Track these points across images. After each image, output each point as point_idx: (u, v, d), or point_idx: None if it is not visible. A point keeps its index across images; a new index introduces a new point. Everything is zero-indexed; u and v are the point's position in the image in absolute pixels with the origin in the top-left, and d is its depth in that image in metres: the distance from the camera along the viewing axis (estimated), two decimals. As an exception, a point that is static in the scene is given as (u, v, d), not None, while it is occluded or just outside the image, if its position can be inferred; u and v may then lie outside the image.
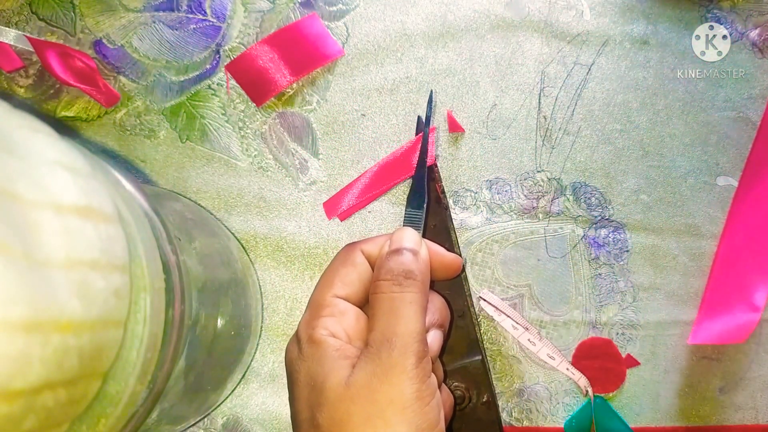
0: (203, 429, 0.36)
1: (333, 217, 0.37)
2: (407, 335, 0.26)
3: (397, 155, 0.37)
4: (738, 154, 0.38)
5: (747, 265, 0.35)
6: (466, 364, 0.35)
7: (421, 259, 0.29)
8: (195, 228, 0.34)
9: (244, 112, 0.38)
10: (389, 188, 0.38)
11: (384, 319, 0.26)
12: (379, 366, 0.25)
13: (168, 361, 0.22)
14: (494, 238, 0.38)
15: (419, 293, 0.27)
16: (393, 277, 0.27)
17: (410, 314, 0.26)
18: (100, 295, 0.19)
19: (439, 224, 0.36)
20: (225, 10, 0.38)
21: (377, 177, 0.37)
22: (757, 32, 0.39)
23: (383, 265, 0.28)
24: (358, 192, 0.37)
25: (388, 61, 0.38)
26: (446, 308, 0.31)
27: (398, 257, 0.28)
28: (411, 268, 0.28)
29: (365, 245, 0.30)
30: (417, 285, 0.27)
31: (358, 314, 0.28)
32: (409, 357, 0.25)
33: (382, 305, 0.27)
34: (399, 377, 0.25)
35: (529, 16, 0.39)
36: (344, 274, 0.29)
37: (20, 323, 0.15)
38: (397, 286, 0.27)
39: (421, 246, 0.29)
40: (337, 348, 0.26)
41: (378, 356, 0.25)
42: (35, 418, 0.17)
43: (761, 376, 0.37)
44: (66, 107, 0.38)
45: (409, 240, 0.29)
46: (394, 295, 0.27)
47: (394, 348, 0.25)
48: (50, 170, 0.19)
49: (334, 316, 0.27)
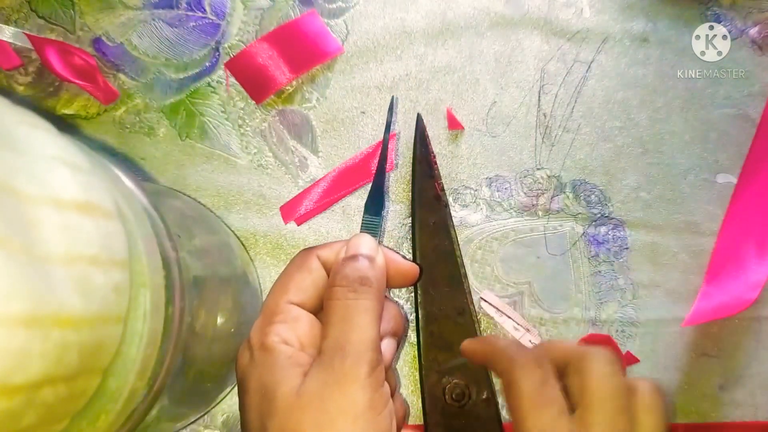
0: (203, 426, 0.36)
1: (290, 221, 0.37)
2: (360, 343, 0.25)
3: (356, 160, 0.37)
4: (738, 152, 0.38)
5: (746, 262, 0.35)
6: (466, 362, 0.35)
7: (377, 266, 0.28)
8: (194, 225, 0.34)
9: (244, 110, 0.38)
10: (348, 193, 0.37)
11: (338, 327, 0.26)
12: (331, 374, 0.25)
13: (168, 358, 0.22)
14: (494, 236, 0.38)
15: (374, 301, 0.27)
16: (348, 283, 0.27)
17: (364, 322, 0.26)
18: (100, 290, 0.19)
19: (439, 222, 0.36)
20: (224, 7, 0.38)
21: (336, 182, 0.37)
22: (757, 29, 0.39)
23: (339, 270, 0.28)
24: (317, 197, 0.37)
25: (387, 59, 0.38)
26: (401, 316, 0.31)
27: (354, 263, 0.28)
28: (366, 275, 0.27)
29: (321, 251, 0.29)
30: (372, 292, 0.27)
31: (311, 321, 0.28)
32: (362, 365, 0.25)
33: (336, 312, 0.26)
34: (351, 386, 0.24)
35: (528, 14, 0.39)
36: (299, 280, 0.28)
37: (20, 318, 0.15)
38: (352, 293, 0.27)
39: (377, 253, 0.29)
40: (289, 355, 0.26)
41: (330, 364, 0.25)
42: (35, 413, 0.17)
43: (761, 373, 0.37)
44: (66, 105, 0.38)
45: (366, 246, 0.29)
46: (349, 302, 0.26)
47: (347, 356, 0.25)
48: (50, 166, 0.19)
49: (286, 323, 0.27)
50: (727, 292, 0.35)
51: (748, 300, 0.33)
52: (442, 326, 0.35)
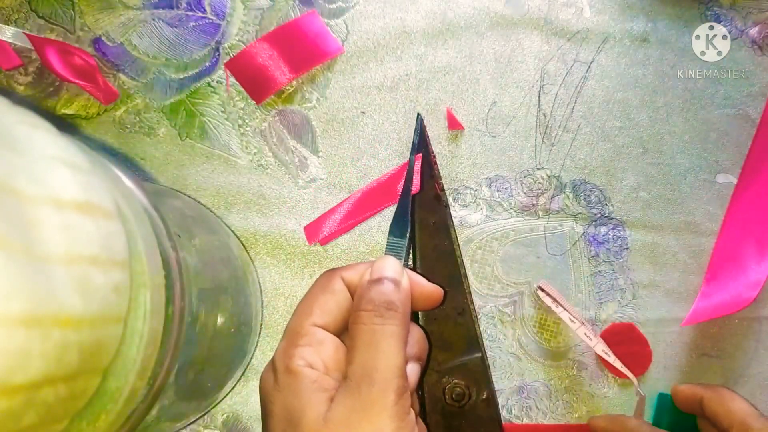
0: (203, 426, 0.36)
1: (314, 242, 0.37)
2: (388, 370, 0.25)
3: (382, 181, 0.37)
4: (738, 152, 0.38)
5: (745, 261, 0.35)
6: (465, 362, 0.35)
7: (403, 289, 0.28)
8: (195, 225, 0.34)
9: (244, 110, 0.38)
10: (372, 215, 0.37)
11: (364, 352, 0.26)
12: (359, 401, 0.24)
13: (168, 358, 0.22)
14: (494, 236, 0.38)
15: (400, 326, 0.27)
16: (374, 307, 0.27)
17: (391, 348, 0.26)
18: (100, 290, 0.19)
19: (439, 222, 0.36)
20: (224, 7, 0.38)
21: (360, 203, 0.37)
22: (757, 29, 0.39)
23: (364, 294, 0.27)
24: (341, 218, 0.37)
25: (387, 59, 0.38)
26: (425, 340, 0.30)
27: (379, 287, 0.27)
28: (392, 299, 0.27)
29: (345, 272, 0.29)
30: (398, 317, 0.27)
31: (336, 344, 0.27)
32: (390, 393, 0.25)
33: (363, 337, 0.26)
34: (379, 414, 0.24)
35: (528, 14, 0.39)
36: (323, 302, 0.28)
37: (20, 318, 0.15)
38: (378, 318, 0.26)
39: (402, 276, 0.28)
40: (315, 379, 0.26)
41: (358, 391, 0.25)
42: (35, 413, 0.17)
43: (761, 373, 0.37)
44: (66, 105, 0.38)
45: (391, 269, 0.28)
46: (375, 327, 0.26)
47: (374, 383, 0.25)
48: (50, 166, 0.19)
49: (311, 346, 0.27)
50: (726, 291, 0.35)
51: (748, 299, 0.33)
52: (442, 326, 0.35)
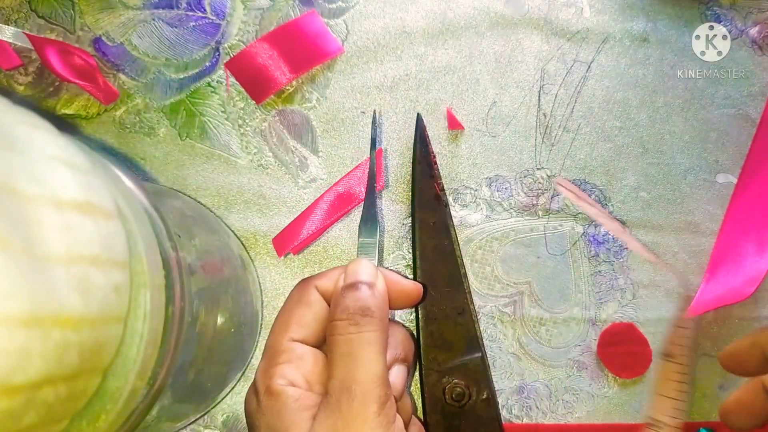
0: (203, 426, 0.36)
1: (284, 254, 0.37)
2: (367, 381, 0.24)
3: (346, 183, 0.37)
4: (738, 152, 0.38)
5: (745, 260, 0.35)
6: (465, 362, 0.35)
7: (378, 292, 0.27)
8: (195, 225, 0.34)
9: (244, 110, 0.38)
10: (340, 217, 0.37)
11: (342, 365, 0.25)
12: (340, 418, 0.24)
13: (168, 358, 0.22)
14: (494, 236, 0.38)
15: (378, 331, 0.26)
16: (349, 316, 0.26)
17: (370, 357, 0.25)
18: (100, 290, 0.19)
19: (439, 222, 0.36)
20: (224, 7, 0.38)
21: (329, 210, 0.37)
22: (757, 29, 0.39)
23: (339, 302, 0.27)
24: (313, 226, 0.36)
25: (387, 59, 0.38)
26: (409, 340, 0.30)
27: (354, 293, 0.27)
28: (367, 305, 0.26)
29: (319, 281, 0.28)
30: (375, 323, 0.26)
31: (316, 357, 0.27)
32: (371, 405, 0.24)
33: (339, 348, 0.26)
34: (361, 428, 0.24)
35: (528, 14, 0.39)
36: (299, 315, 0.27)
37: (20, 318, 0.15)
38: (353, 326, 0.26)
39: (377, 277, 0.28)
40: (296, 398, 0.25)
41: (338, 407, 0.24)
42: (35, 413, 0.17)
43: (761, 373, 0.37)
44: (66, 105, 0.38)
45: (364, 272, 0.27)
46: (352, 337, 0.25)
47: (354, 397, 0.24)
48: (50, 166, 0.19)
49: (291, 362, 0.26)
50: (725, 286, 0.35)
51: (746, 293, 0.33)
52: (442, 326, 0.35)
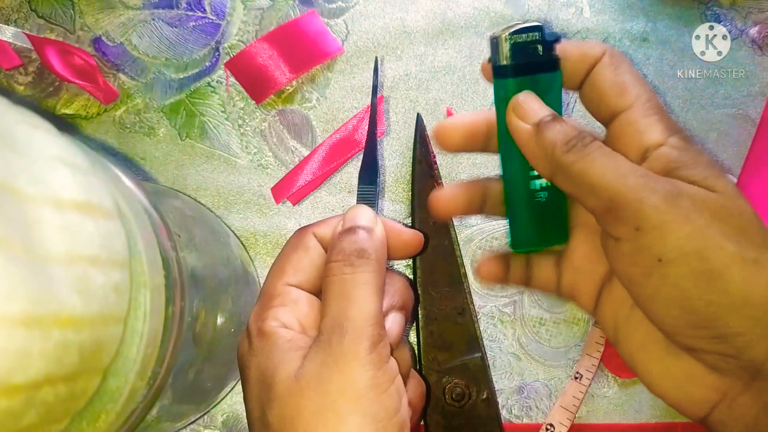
0: (203, 426, 0.36)
1: (282, 200, 0.37)
2: (360, 319, 0.24)
3: (345, 132, 0.37)
4: (737, 152, 0.38)
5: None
6: (465, 362, 0.35)
7: (376, 236, 0.27)
8: (195, 225, 0.34)
9: (244, 110, 0.38)
10: (340, 165, 0.37)
11: (335, 304, 0.25)
12: (330, 354, 0.23)
13: (168, 358, 0.23)
14: (494, 236, 0.38)
15: (373, 273, 0.25)
16: (345, 257, 0.25)
17: (363, 296, 0.24)
18: (100, 290, 0.19)
19: (439, 222, 0.36)
20: (224, 7, 0.38)
21: (327, 156, 0.37)
22: (757, 29, 0.39)
23: (335, 245, 0.26)
24: (310, 173, 0.36)
25: (387, 59, 0.38)
26: (408, 289, 0.29)
27: (351, 236, 0.26)
28: (364, 247, 0.26)
29: (317, 228, 0.28)
30: (371, 264, 0.25)
31: (311, 301, 0.26)
32: (362, 342, 0.23)
33: (334, 288, 0.25)
34: (351, 364, 0.23)
35: (528, 14, 0.39)
36: (296, 260, 0.27)
37: (20, 318, 0.15)
38: (348, 267, 0.25)
39: (376, 223, 0.27)
40: (288, 339, 0.25)
41: (329, 344, 0.23)
42: (35, 413, 0.17)
43: (761, 373, 0.37)
44: (66, 105, 0.38)
45: (363, 218, 0.27)
46: (346, 277, 0.25)
47: (345, 334, 0.23)
48: (50, 166, 0.19)
49: (285, 306, 0.26)
50: None
51: None
52: (442, 326, 0.35)
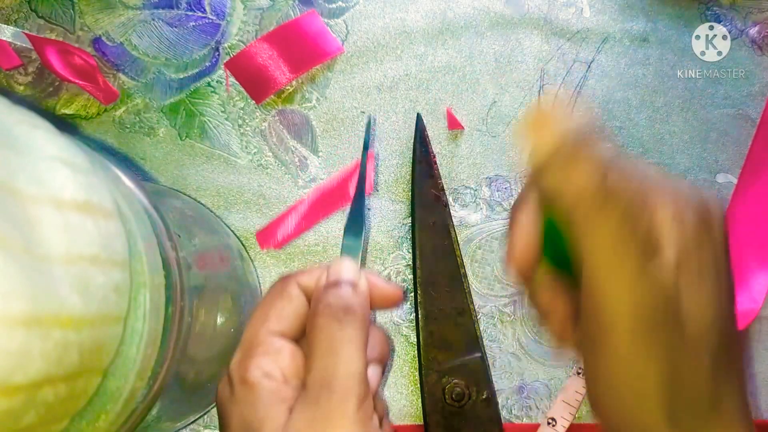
0: (203, 426, 0.36)
1: (266, 248, 0.37)
2: (348, 377, 0.24)
3: (334, 183, 0.37)
4: (737, 151, 0.38)
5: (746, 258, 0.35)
6: (465, 362, 0.35)
7: (360, 291, 0.27)
8: (195, 225, 0.34)
9: (244, 110, 0.38)
10: (326, 216, 0.37)
11: (322, 360, 0.25)
12: (318, 411, 0.24)
13: (168, 358, 0.23)
14: (494, 236, 0.38)
15: (359, 330, 0.26)
16: (331, 312, 0.26)
17: (350, 353, 0.25)
18: (100, 290, 0.19)
19: (439, 222, 0.36)
20: (224, 7, 0.38)
21: (314, 206, 0.37)
22: (757, 29, 0.39)
23: (321, 299, 0.27)
24: (295, 222, 0.37)
25: (387, 59, 0.38)
26: (386, 342, 0.30)
27: (336, 290, 0.27)
28: (350, 303, 0.26)
29: (301, 277, 0.28)
30: (357, 321, 0.26)
31: (293, 351, 0.27)
32: (350, 401, 0.24)
33: (321, 344, 0.25)
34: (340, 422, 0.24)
35: (528, 14, 0.39)
36: (279, 309, 0.27)
37: (20, 318, 0.15)
38: (336, 323, 0.26)
39: (360, 277, 0.28)
40: (273, 390, 0.25)
41: (317, 400, 0.24)
42: (35, 413, 0.17)
43: (761, 372, 0.37)
44: (65, 105, 0.38)
45: (348, 271, 0.27)
46: (334, 333, 0.25)
47: (333, 391, 0.24)
48: (50, 166, 0.19)
49: (268, 355, 0.26)
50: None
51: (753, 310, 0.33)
52: (442, 326, 0.35)
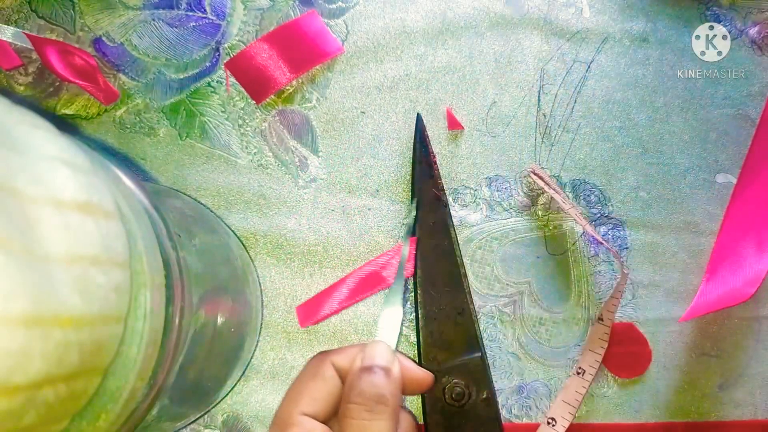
0: (203, 426, 0.37)
1: (307, 325, 0.37)
2: None
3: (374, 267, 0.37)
4: (737, 152, 0.38)
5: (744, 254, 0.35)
6: (465, 361, 0.35)
7: (393, 378, 0.28)
8: (195, 225, 0.34)
9: (244, 110, 0.38)
10: (365, 297, 0.37)
11: None
12: None
13: (168, 358, 0.23)
14: (494, 236, 0.38)
15: (390, 420, 0.27)
16: (364, 401, 0.27)
17: None
18: (101, 290, 0.19)
19: (439, 222, 0.36)
20: (224, 7, 0.38)
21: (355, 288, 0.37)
22: (757, 29, 0.39)
23: (354, 385, 0.27)
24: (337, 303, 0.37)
25: (387, 59, 0.38)
26: (414, 427, 0.31)
27: (370, 377, 0.27)
28: (383, 392, 0.27)
29: (336, 357, 0.29)
30: (388, 411, 0.27)
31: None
32: None
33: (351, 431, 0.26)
34: None
35: (528, 14, 0.39)
36: (313, 389, 0.28)
37: (21, 318, 0.15)
38: (367, 413, 0.26)
39: (394, 363, 0.28)
40: None
41: None
42: (35, 413, 0.17)
43: (760, 372, 0.37)
44: (66, 105, 0.38)
45: (382, 357, 0.28)
46: (365, 423, 0.26)
47: None
48: (50, 166, 0.19)
49: None
50: (725, 287, 0.35)
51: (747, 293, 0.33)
52: (442, 326, 0.35)
